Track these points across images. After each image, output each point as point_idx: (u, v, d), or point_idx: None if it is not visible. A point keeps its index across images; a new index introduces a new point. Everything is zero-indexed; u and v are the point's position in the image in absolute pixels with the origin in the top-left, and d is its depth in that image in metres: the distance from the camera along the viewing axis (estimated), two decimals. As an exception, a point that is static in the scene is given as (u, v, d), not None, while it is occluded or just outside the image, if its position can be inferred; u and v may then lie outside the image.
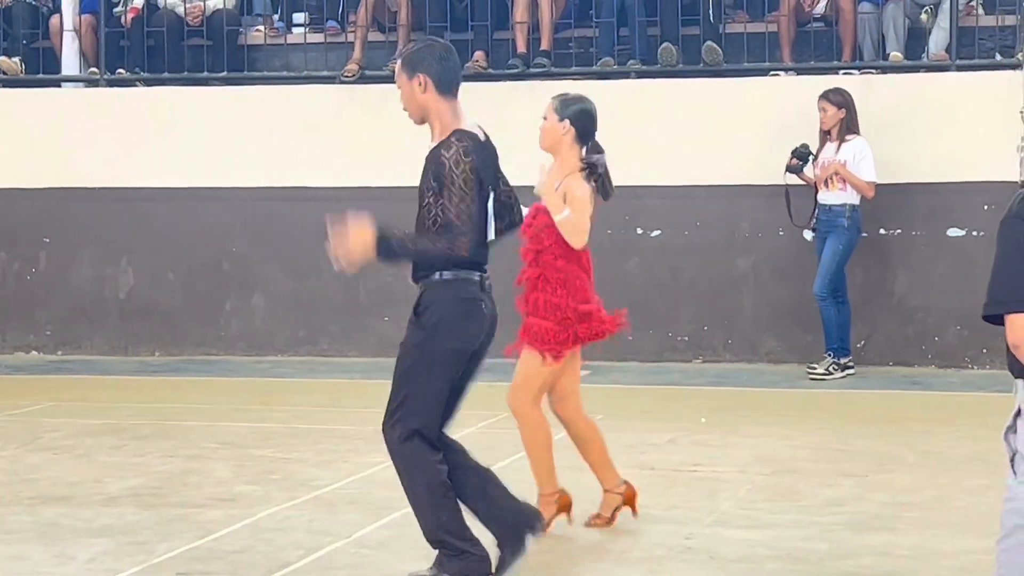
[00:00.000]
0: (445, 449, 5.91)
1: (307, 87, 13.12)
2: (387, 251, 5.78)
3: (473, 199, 5.76)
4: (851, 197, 11.44)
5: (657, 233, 12.37)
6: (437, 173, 5.80)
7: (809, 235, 11.66)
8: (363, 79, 12.91)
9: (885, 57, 12.43)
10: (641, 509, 7.15)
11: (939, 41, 12.39)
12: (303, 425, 9.69)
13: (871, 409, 10.28)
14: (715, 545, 6.63)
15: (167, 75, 13.41)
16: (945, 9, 12.36)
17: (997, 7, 12.64)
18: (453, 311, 5.84)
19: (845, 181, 11.40)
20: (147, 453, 8.79)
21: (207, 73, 13.37)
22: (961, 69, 12.14)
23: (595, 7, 13.00)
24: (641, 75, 12.65)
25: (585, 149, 6.81)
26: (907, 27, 12.47)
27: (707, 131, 12.23)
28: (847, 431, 9.40)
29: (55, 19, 13.78)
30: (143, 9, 13.55)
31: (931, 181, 11.87)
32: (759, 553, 6.49)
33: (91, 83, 13.63)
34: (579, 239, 6.68)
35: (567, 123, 6.79)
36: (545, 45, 12.89)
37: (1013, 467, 4.21)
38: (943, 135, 11.86)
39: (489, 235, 5.95)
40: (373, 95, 12.60)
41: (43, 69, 13.74)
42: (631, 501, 7.03)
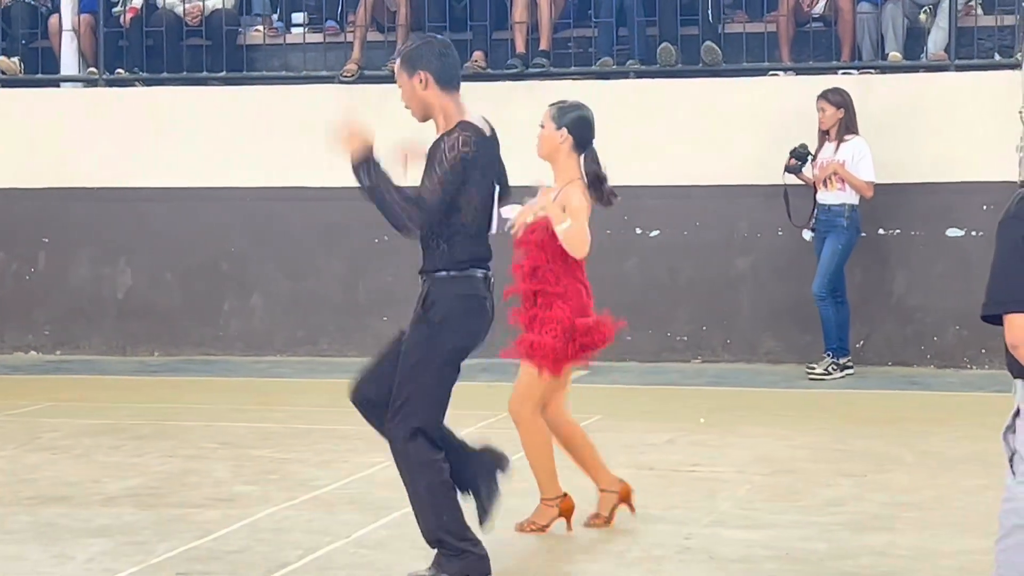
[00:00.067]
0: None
1: (306, 87, 13.11)
2: (367, 172, 5.78)
3: (449, 188, 5.76)
4: (850, 197, 11.45)
5: (656, 233, 12.37)
6: (431, 155, 5.83)
7: (808, 235, 11.65)
8: (362, 79, 12.91)
9: (884, 57, 12.43)
10: (640, 509, 7.14)
11: (938, 41, 12.40)
12: (302, 425, 9.69)
13: (870, 409, 10.28)
14: (714, 545, 6.63)
15: (166, 75, 13.41)
16: (944, 9, 12.36)
17: (996, 7, 12.64)
18: (457, 309, 5.86)
19: (844, 181, 11.41)
20: (146, 453, 8.78)
21: (206, 73, 13.37)
22: (960, 69, 12.15)
23: (594, 7, 13.00)
24: (640, 75, 12.65)
25: (583, 157, 6.80)
26: (906, 27, 12.47)
27: (706, 131, 12.23)
28: (846, 431, 9.40)
29: (54, 19, 13.78)
30: (142, 9, 13.55)
31: (930, 181, 11.87)
32: (758, 553, 6.48)
33: (90, 83, 13.63)
34: (581, 250, 6.64)
35: (564, 131, 6.76)
36: (544, 45, 12.89)
37: (1012, 467, 4.20)
38: (942, 135, 11.86)
39: (492, 228, 5.96)
40: (372, 95, 12.58)
41: (42, 69, 13.74)
42: (627, 498, 7.01)
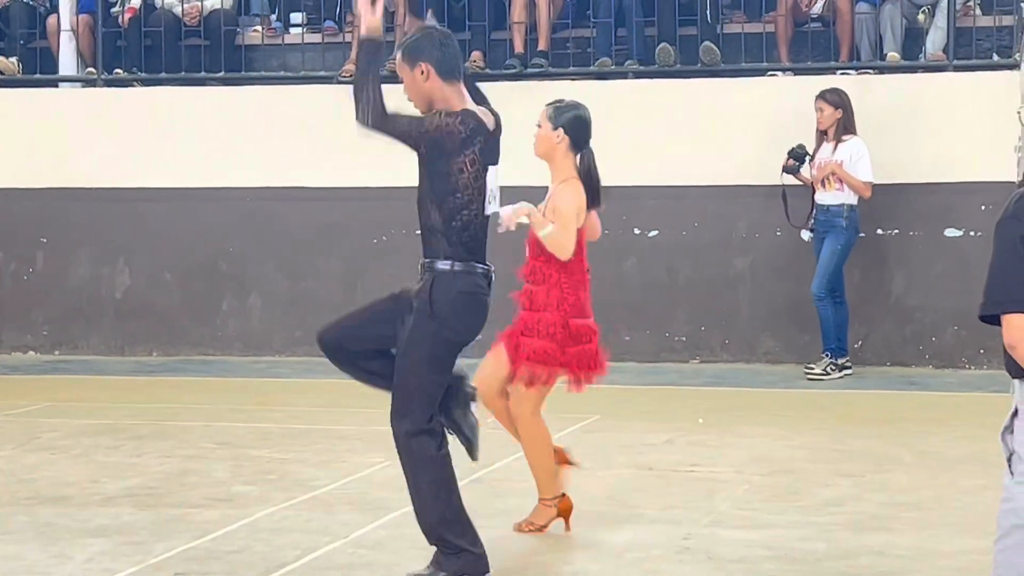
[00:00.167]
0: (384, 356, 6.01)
1: (304, 87, 13.11)
2: (368, 52, 5.88)
3: (419, 135, 5.81)
4: (848, 197, 11.45)
5: (654, 233, 12.37)
6: None
7: (807, 235, 11.64)
8: (360, 79, 12.89)
9: (882, 57, 12.43)
10: (638, 509, 7.14)
11: (936, 41, 12.40)
12: (300, 425, 9.68)
13: (868, 409, 10.28)
14: (713, 545, 6.63)
15: (164, 75, 13.41)
16: (942, 9, 12.37)
17: (994, 7, 12.64)
18: (458, 305, 5.90)
19: (842, 181, 11.41)
20: (144, 453, 8.78)
21: (204, 73, 13.37)
22: (958, 69, 12.15)
23: (592, 7, 13.00)
24: (639, 75, 12.65)
25: (579, 157, 6.80)
26: (904, 27, 12.47)
27: (704, 131, 12.23)
28: (844, 431, 9.40)
29: (52, 19, 13.77)
30: (140, 9, 13.56)
31: (928, 181, 11.87)
32: (756, 553, 6.48)
33: (88, 83, 13.63)
34: (563, 253, 6.64)
35: (561, 131, 6.75)
36: (542, 45, 12.90)
37: (1010, 467, 4.20)
38: (940, 135, 11.86)
39: (487, 209, 5.97)
40: (370, 95, 12.59)
41: (40, 69, 13.73)
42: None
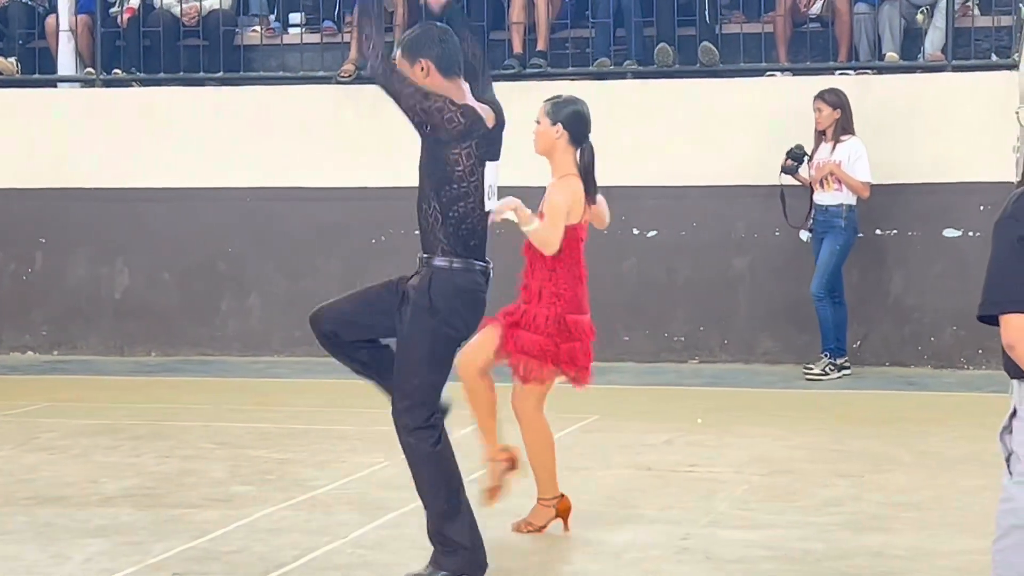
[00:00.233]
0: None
1: (303, 87, 13.11)
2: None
3: (419, 99, 5.80)
4: (847, 197, 11.45)
5: (653, 233, 12.37)
6: None
7: (805, 235, 11.64)
8: (359, 79, 12.88)
9: (881, 57, 12.43)
10: (637, 510, 7.14)
11: (935, 41, 12.40)
12: (299, 425, 9.68)
13: (867, 409, 10.28)
14: (711, 545, 6.63)
15: (163, 75, 13.41)
16: (941, 9, 12.36)
17: (993, 8, 12.65)
18: (456, 302, 5.92)
19: (840, 181, 11.41)
20: (143, 453, 8.78)
21: (203, 73, 13.37)
22: (957, 70, 12.15)
23: (591, 7, 13.00)
24: (637, 75, 12.65)
25: (579, 151, 6.79)
26: (903, 27, 12.47)
27: (703, 131, 12.23)
28: (843, 431, 9.40)
29: (51, 19, 13.77)
30: (139, 9, 13.56)
31: (927, 182, 11.87)
32: (755, 553, 6.48)
33: (87, 83, 13.62)
34: (548, 248, 6.61)
35: (560, 127, 6.74)
36: (541, 46, 12.89)
37: (1008, 467, 4.20)
38: (939, 136, 11.86)
39: (486, 205, 5.97)
40: (369, 95, 12.55)
41: (39, 69, 13.73)
42: (514, 465, 6.82)
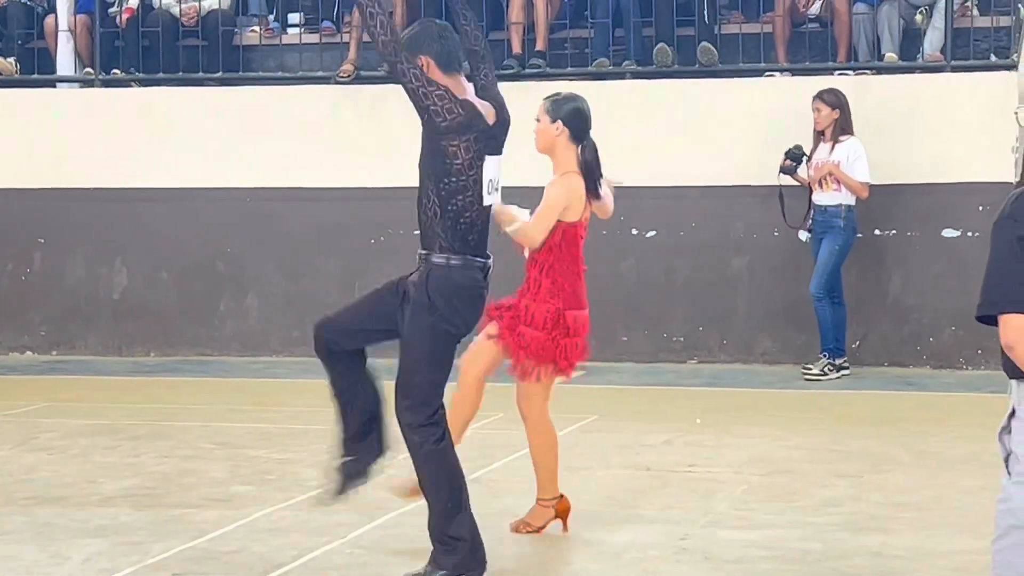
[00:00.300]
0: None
1: (302, 87, 13.11)
2: None
3: (422, 80, 5.80)
4: (846, 197, 11.45)
5: (652, 233, 12.37)
6: None
7: (804, 236, 11.65)
8: (358, 80, 12.90)
9: (880, 58, 12.43)
10: (636, 510, 7.14)
11: (934, 42, 12.40)
12: (298, 425, 9.68)
13: (866, 410, 10.28)
14: (710, 546, 6.63)
15: (162, 75, 13.40)
16: (940, 10, 12.36)
17: (992, 8, 12.64)
18: (455, 299, 5.93)
19: (839, 182, 11.41)
20: (142, 454, 8.78)
21: (202, 73, 13.36)
22: (956, 70, 12.15)
23: (590, 8, 12.99)
24: (636, 76, 12.64)
25: (580, 148, 6.79)
26: (902, 28, 12.47)
27: (702, 132, 12.23)
28: (842, 432, 9.40)
29: (50, 19, 13.77)
30: (138, 9, 13.55)
31: (926, 182, 11.87)
32: (754, 554, 6.49)
33: (86, 83, 13.62)
34: (530, 243, 6.59)
35: (560, 124, 6.74)
36: (540, 46, 12.89)
37: (1007, 468, 4.20)
38: (938, 136, 11.86)
39: (486, 200, 5.97)
40: (368, 96, 12.61)
41: (38, 69, 13.72)
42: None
